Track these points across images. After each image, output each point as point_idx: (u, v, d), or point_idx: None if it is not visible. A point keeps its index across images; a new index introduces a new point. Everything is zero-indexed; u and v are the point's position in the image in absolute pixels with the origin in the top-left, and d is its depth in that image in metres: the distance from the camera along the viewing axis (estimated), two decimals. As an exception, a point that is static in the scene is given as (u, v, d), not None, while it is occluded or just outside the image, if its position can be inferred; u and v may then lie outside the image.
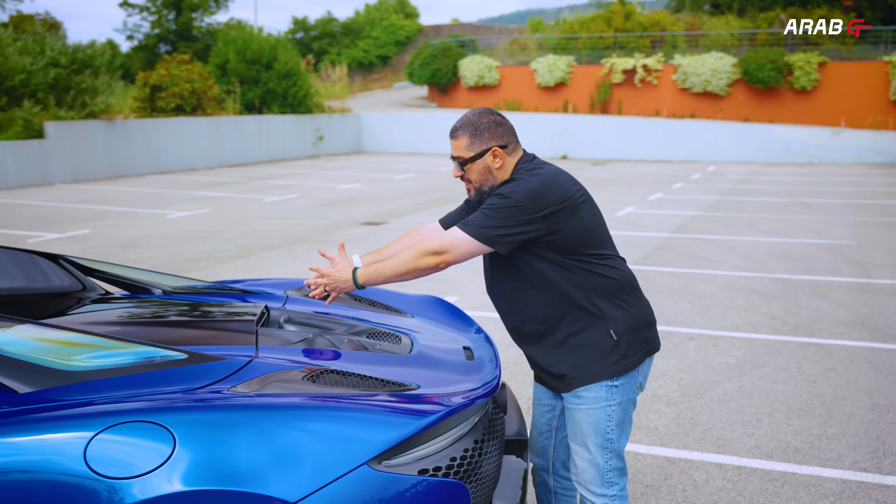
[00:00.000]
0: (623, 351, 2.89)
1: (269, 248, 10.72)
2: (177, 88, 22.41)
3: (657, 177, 20.73)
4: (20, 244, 11.03)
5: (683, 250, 10.50)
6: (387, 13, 50.80)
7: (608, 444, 2.92)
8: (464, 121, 2.93)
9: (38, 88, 19.22)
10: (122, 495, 2.18)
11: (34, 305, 3.43)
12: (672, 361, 6.06)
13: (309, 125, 26.83)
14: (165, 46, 41.54)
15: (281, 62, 25.97)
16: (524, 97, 31.92)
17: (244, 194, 16.80)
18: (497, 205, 2.78)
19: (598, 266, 2.88)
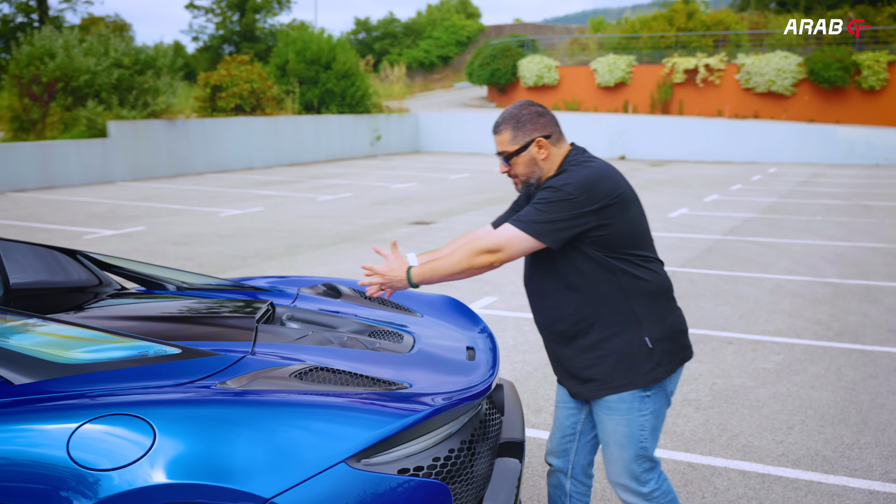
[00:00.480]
0: (657, 360, 2.84)
1: (317, 247, 10.81)
2: (236, 89, 22.76)
3: (715, 178, 20.39)
4: (77, 240, 11.32)
5: (733, 253, 10.30)
6: (448, 13, 50.91)
7: (642, 451, 2.90)
8: (505, 115, 2.90)
9: (102, 88, 19.70)
10: (101, 486, 2.21)
11: (52, 299, 3.52)
12: (707, 366, 5.95)
13: (367, 125, 27.01)
14: (229, 47, 42.25)
15: (339, 62, 26.20)
16: (583, 97, 31.67)
17: (298, 193, 16.98)
18: (549, 198, 2.75)
19: (640, 268, 2.84)
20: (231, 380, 2.52)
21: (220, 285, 3.77)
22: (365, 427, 2.34)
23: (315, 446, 2.28)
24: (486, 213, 13.87)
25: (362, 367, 2.79)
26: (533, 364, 6.00)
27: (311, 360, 2.78)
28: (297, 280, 3.99)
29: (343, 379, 2.61)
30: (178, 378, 2.53)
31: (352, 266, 9.50)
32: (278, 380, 2.53)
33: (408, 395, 2.56)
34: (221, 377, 2.55)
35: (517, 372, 5.83)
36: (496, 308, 7.58)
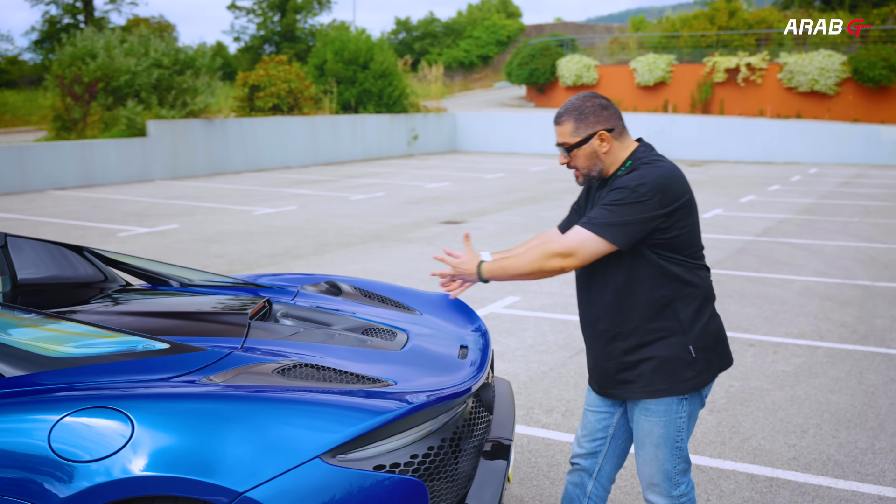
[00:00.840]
0: (699, 368, 2.83)
1: (345, 246, 10.87)
2: (274, 88, 22.96)
3: (754, 179, 20.13)
4: (111, 237, 11.51)
5: (764, 254, 10.16)
6: (489, 13, 50.88)
7: (677, 451, 2.91)
8: (568, 106, 2.85)
9: (142, 88, 20.00)
10: (80, 477, 2.25)
11: (59, 294, 3.58)
12: (725, 368, 5.87)
13: (404, 124, 27.09)
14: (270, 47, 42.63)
15: (377, 62, 26.30)
16: (623, 97, 31.45)
17: (332, 192, 17.08)
18: (622, 199, 2.70)
19: (692, 274, 2.83)
20: (216, 375, 2.55)
21: (223, 282, 3.81)
22: (341, 423, 2.35)
23: (290, 441, 2.30)
24: (517, 214, 13.84)
25: (349, 363, 2.81)
26: (549, 364, 5.98)
27: (300, 356, 2.80)
28: (301, 278, 4.02)
29: (327, 375, 2.63)
30: (164, 372, 2.56)
31: (377, 265, 9.54)
32: (260, 376, 2.55)
33: (389, 392, 2.56)
34: (207, 372, 2.58)
35: (533, 371, 5.81)
36: (518, 308, 7.56)
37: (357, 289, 3.82)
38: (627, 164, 2.82)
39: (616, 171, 2.86)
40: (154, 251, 10.45)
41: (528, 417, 5.01)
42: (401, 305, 3.69)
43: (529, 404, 5.22)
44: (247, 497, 2.23)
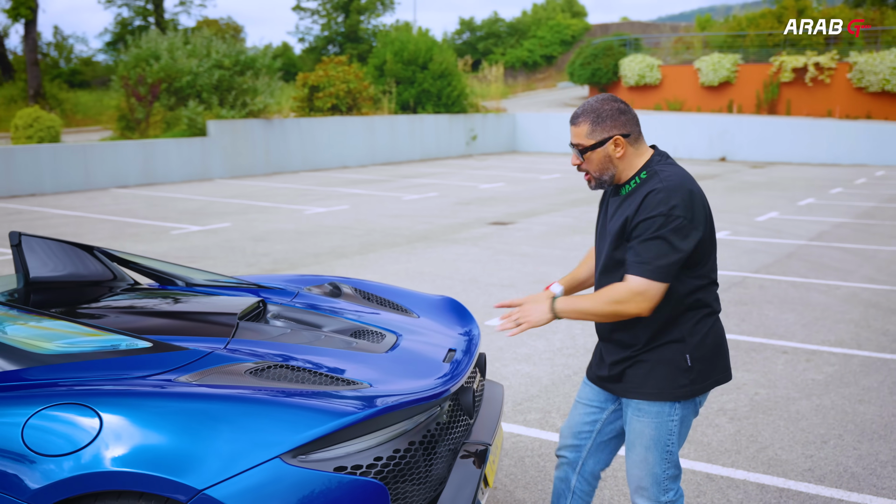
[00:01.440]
0: (693, 377, 2.84)
1: (391, 246, 10.94)
2: (333, 89, 23.21)
3: (816, 181, 19.67)
4: (164, 235, 11.78)
5: (814, 259, 9.93)
6: (553, 12, 50.65)
7: (668, 455, 2.91)
8: (585, 107, 2.82)
9: (203, 89, 20.41)
10: (49, 470, 2.33)
11: (69, 292, 3.70)
12: (754, 375, 5.78)
13: (463, 125, 27.14)
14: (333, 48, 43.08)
15: (436, 62, 26.39)
16: (686, 97, 31.01)
17: (385, 192, 17.20)
18: (666, 227, 2.67)
19: (703, 292, 2.83)
20: (191, 374, 2.61)
21: (226, 283, 3.89)
22: (303, 424, 2.39)
23: (251, 441, 2.35)
24: (567, 215, 13.77)
25: (330, 364, 2.84)
26: (574, 368, 5.95)
27: (280, 357, 2.85)
28: (306, 279, 4.08)
29: (301, 377, 2.67)
30: (144, 370, 2.63)
31: (419, 265, 9.59)
32: (232, 375, 2.60)
33: (358, 394, 2.59)
34: (184, 371, 2.64)
35: (556, 375, 5.79)
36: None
37: (358, 291, 3.86)
38: (643, 174, 2.80)
39: (630, 178, 2.83)
40: (203, 249, 10.67)
41: (543, 421, 4.99)
42: (399, 308, 3.72)
43: (547, 408, 5.20)
44: (206, 495, 2.28)
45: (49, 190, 16.93)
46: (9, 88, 32.63)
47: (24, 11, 30.40)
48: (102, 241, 11.27)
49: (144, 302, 3.52)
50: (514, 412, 5.15)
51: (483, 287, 8.46)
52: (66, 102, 31.09)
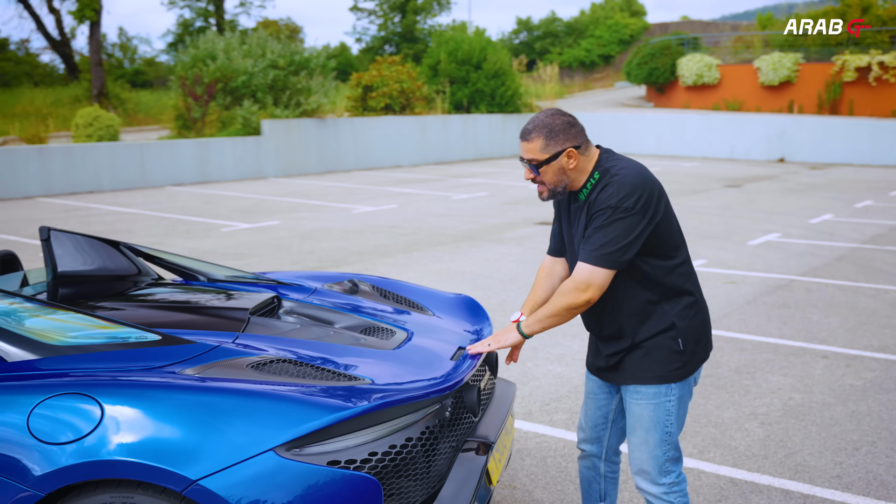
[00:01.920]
0: (686, 359, 2.98)
1: (435, 245, 10.98)
2: (386, 88, 23.34)
3: (876, 183, 19.19)
4: (214, 232, 11.98)
5: (864, 263, 9.70)
6: (612, 12, 50.22)
7: (667, 436, 3.02)
8: (536, 122, 2.92)
9: (258, 89, 20.70)
10: (54, 458, 2.39)
11: (95, 286, 3.79)
12: (790, 379, 5.67)
13: (516, 124, 27.07)
14: (390, 48, 43.31)
15: (490, 62, 26.36)
16: (746, 97, 30.49)
17: (435, 191, 17.25)
18: (610, 221, 2.81)
19: (673, 275, 2.96)
20: (195, 367, 2.66)
21: (246, 279, 3.95)
22: (297, 418, 2.42)
23: (246, 433, 2.38)
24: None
25: (335, 360, 2.87)
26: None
27: (286, 352, 2.89)
28: (327, 276, 4.12)
29: (302, 371, 2.70)
30: (149, 362, 2.69)
31: (461, 264, 9.60)
32: (234, 369, 2.65)
33: (357, 389, 2.62)
34: (189, 364, 2.70)
35: (587, 376, 5.74)
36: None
37: (375, 288, 3.89)
38: (595, 176, 2.93)
39: (585, 183, 2.95)
40: (251, 246, 10.83)
41: (570, 422, 4.97)
42: (415, 305, 3.74)
43: (575, 409, 5.17)
44: (199, 485, 2.32)
45: (107, 187, 17.33)
46: (74, 88, 33.47)
47: (88, 13, 31.15)
48: (154, 238, 11.51)
49: (163, 296, 3.60)
50: (542, 412, 5.13)
51: (522, 286, 8.44)
52: (128, 102, 31.77)
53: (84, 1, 31.00)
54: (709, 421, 4.98)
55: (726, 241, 11.18)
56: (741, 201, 15.45)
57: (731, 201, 15.44)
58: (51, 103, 30.35)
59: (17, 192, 16.13)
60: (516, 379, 5.72)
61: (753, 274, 9.04)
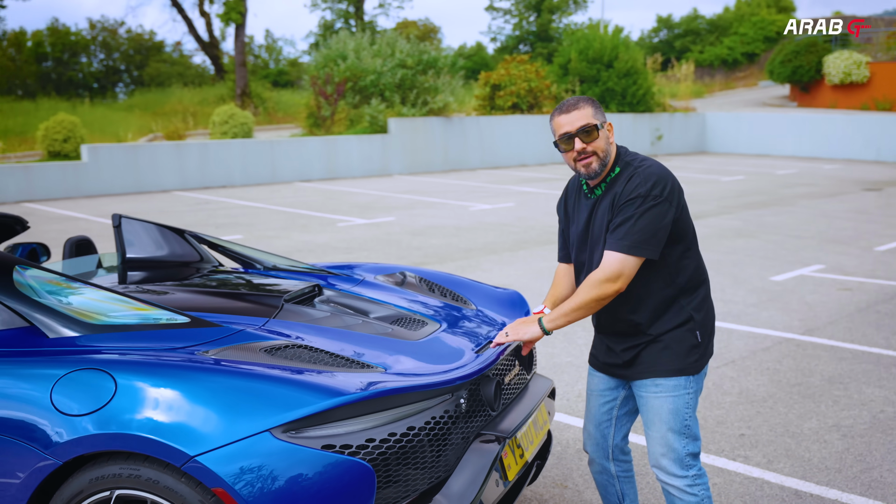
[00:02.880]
0: (703, 351, 3.00)
1: (544, 244, 10.91)
2: (514, 87, 23.34)
3: None
4: (330, 227, 12.31)
5: None
6: (758, 8, 48.50)
7: (686, 430, 2.98)
8: (578, 97, 2.98)
9: (386, 88, 21.10)
10: (69, 427, 2.53)
11: (158, 271, 3.98)
12: (885, 392, 5.35)
13: (647, 124, 26.56)
14: (525, 47, 43.24)
15: (621, 61, 25.96)
16: (897, 96, 28.85)
17: (556, 191, 17.13)
18: (640, 210, 2.82)
19: (693, 265, 2.98)
20: (213, 349, 2.76)
21: (299, 268, 4.05)
22: (296, 401, 2.47)
23: (246, 413, 2.45)
24: (738, 218, 13.20)
25: (355, 348, 2.92)
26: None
27: (307, 338, 2.95)
28: (382, 268, 4.17)
29: (316, 357, 2.76)
30: (173, 343, 2.81)
31: (563, 263, 9.50)
32: (247, 352, 2.73)
33: (365, 377, 2.65)
34: (211, 346, 2.79)
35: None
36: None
37: (423, 280, 3.92)
38: (616, 170, 2.96)
39: (605, 176, 2.97)
40: (362, 241, 11.06)
41: (634, 428, 4.85)
42: (460, 298, 3.74)
43: (646, 411, 5.04)
44: (197, 461, 2.40)
45: (238, 182, 18.05)
46: (219, 88, 35.03)
47: (234, 16, 32.54)
48: (272, 231, 11.92)
49: (213, 282, 3.74)
50: (612, 413, 5.03)
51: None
52: (269, 101, 32.99)
53: (230, 4, 32.38)
54: (786, 430, 4.76)
55: (851, 246, 10.63)
56: (878, 205, 14.66)
57: (866, 205, 14.67)
58: (197, 102, 31.87)
59: (157, 186, 17.02)
60: (580, 375, 5.63)
61: (872, 281, 8.56)
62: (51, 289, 3.11)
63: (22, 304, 2.90)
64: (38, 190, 15.83)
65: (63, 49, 52.49)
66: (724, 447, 4.54)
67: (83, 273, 3.98)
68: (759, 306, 7.54)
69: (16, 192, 15.61)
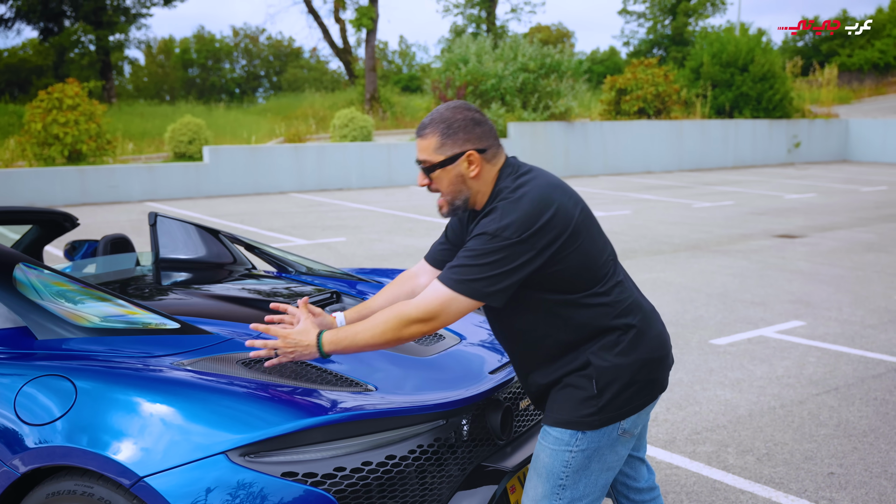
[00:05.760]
0: (601, 405, 2.37)
1: (653, 253, 10.39)
2: (641, 92, 22.64)
3: None
4: (436, 231, 12.12)
5: None
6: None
7: (558, 491, 2.42)
8: (434, 116, 2.42)
9: (507, 92, 20.81)
10: (27, 438, 2.37)
11: (190, 272, 3.83)
12: None
13: (784, 131, 25.28)
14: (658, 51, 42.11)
15: (758, 64, 24.80)
16: None
17: (677, 198, 16.44)
18: (483, 249, 2.26)
19: (595, 305, 2.38)
20: (189, 359, 2.55)
21: (329, 273, 3.83)
22: (259, 421, 2.22)
23: (201, 433, 2.22)
24: (872, 231, 12.26)
25: (350, 361, 2.66)
26: (783, 400, 5.20)
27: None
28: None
29: (299, 372, 2.51)
30: (155, 349, 2.62)
31: (671, 275, 8.99)
32: (223, 363, 2.50)
33: (346, 396, 2.38)
34: (191, 355, 2.59)
35: (759, 405, 5.08)
36: (796, 334, 6.67)
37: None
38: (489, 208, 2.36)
39: (486, 203, 2.41)
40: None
41: (713, 456, 4.39)
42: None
43: (726, 442, 4.57)
44: (145, 482, 2.19)
45: (355, 185, 18.15)
46: (350, 93, 35.61)
47: (365, 22, 32.98)
48: (376, 234, 11.84)
49: (233, 286, 3.55)
50: (686, 441, 4.58)
51: (729, 303, 7.72)
52: (397, 105, 33.26)
53: (362, 10, 32.87)
54: (884, 471, 4.20)
55: None
56: None
57: None
58: (328, 107, 32.48)
59: (274, 188, 17.30)
60: (677, 402, 5.18)
61: None
62: (53, 289, 2.98)
63: (17, 303, 2.78)
64: (161, 189, 16.34)
65: (207, 55, 54.75)
66: (807, 486, 4.03)
67: (119, 271, 3.88)
68: (878, 328, 6.85)
69: (140, 192, 16.16)
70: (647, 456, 4.37)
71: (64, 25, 37.91)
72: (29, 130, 16.86)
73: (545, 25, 50.49)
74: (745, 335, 6.65)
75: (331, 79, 50.05)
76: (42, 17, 37.71)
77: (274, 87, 52.62)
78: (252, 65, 55.52)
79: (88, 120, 16.82)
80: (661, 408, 5.09)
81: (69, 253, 4.48)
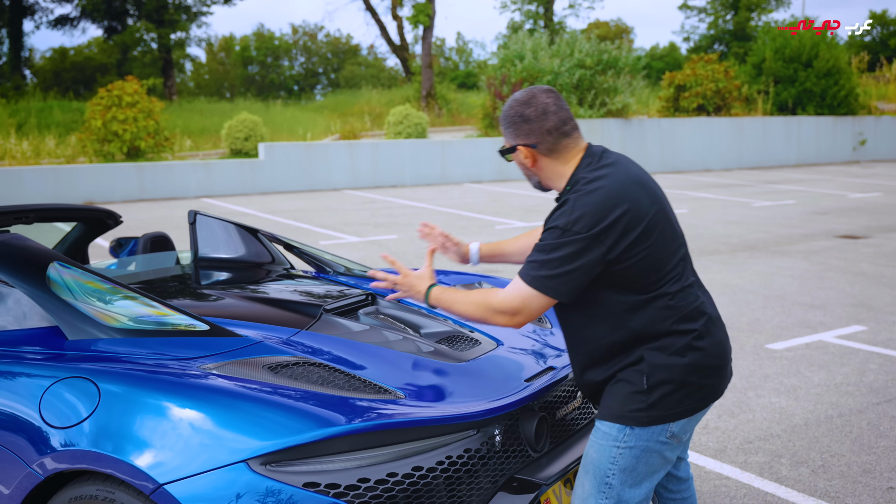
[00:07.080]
0: (651, 402, 2.35)
1: (709, 253, 10.16)
2: (700, 88, 22.23)
3: None
4: (487, 229, 12.02)
5: None
6: None
7: (605, 488, 2.39)
8: (504, 105, 2.53)
9: (563, 88, 20.59)
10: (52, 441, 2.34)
11: (229, 271, 3.80)
12: None
13: (850, 128, 24.61)
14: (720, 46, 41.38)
15: (822, 60, 24.17)
16: None
17: (736, 197, 16.09)
18: (555, 244, 2.29)
19: (657, 307, 2.35)
20: (216, 362, 2.49)
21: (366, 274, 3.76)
22: (281, 429, 2.16)
23: (223, 440, 2.16)
24: (938, 231, 11.83)
25: (379, 368, 2.59)
26: (841, 409, 5.00)
27: (331, 354, 2.65)
28: (464, 276, 3.81)
29: (326, 377, 2.44)
30: (182, 352, 2.57)
31: (726, 276, 8.77)
32: (249, 368, 2.44)
33: (374, 404, 2.30)
34: (220, 358, 2.54)
35: (815, 414, 4.89)
36: (857, 339, 6.43)
37: (498, 291, 3.51)
38: (567, 187, 2.39)
39: (563, 190, 2.42)
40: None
41: (765, 467, 4.22)
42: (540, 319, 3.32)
43: (779, 452, 4.40)
44: (164, 490, 2.14)
45: (409, 182, 18.12)
46: (406, 90, 35.64)
47: (422, 18, 32.96)
48: (426, 232, 11.77)
49: (269, 286, 3.50)
50: (738, 451, 4.42)
51: (787, 306, 7.49)
52: (453, 102, 33.19)
53: (419, 7, 32.86)
54: (948, 488, 4.00)
55: None
56: None
57: None
58: (384, 104, 32.54)
59: (328, 184, 17.36)
60: (729, 409, 5.01)
61: None
62: (85, 288, 2.95)
63: (50, 302, 2.77)
64: (217, 186, 16.50)
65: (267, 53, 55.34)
66: (864, 501, 3.85)
67: (159, 269, 3.86)
68: (945, 334, 6.57)
69: (196, 188, 16.33)
70: (694, 464, 4.22)
71: (127, 24, 38.62)
72: (89, 127, 17.17)
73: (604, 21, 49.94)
74: (803, 340, 6.43)
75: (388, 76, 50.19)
76: (106, 15, 38.48)
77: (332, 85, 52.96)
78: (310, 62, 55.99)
79: (147, 117, 17.06)
80: (712, 414, 4.93)
81: (114, 250, 4.48)
